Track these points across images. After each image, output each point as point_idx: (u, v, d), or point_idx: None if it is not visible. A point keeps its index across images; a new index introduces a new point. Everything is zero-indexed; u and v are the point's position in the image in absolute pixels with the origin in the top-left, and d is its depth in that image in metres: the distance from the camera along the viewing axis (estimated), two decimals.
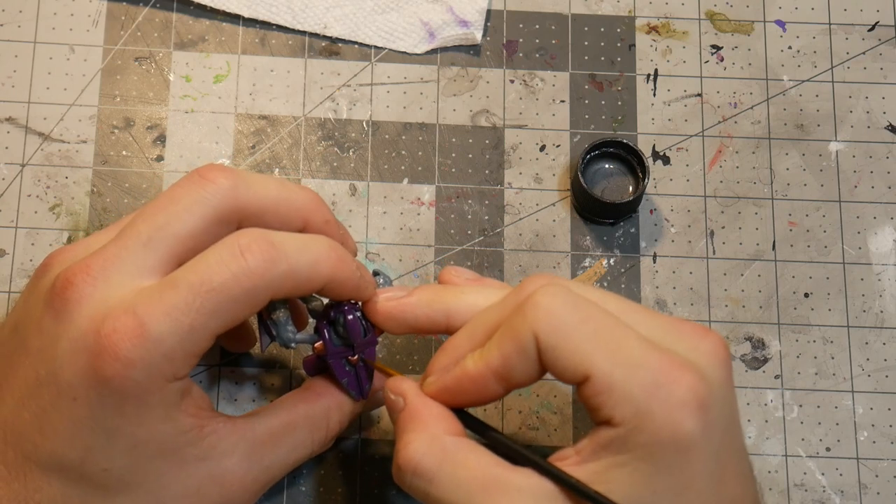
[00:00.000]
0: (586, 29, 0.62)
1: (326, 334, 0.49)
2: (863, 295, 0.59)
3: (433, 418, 0.45)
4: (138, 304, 0.43)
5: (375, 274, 0.51)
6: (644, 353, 0.42)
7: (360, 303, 0.49)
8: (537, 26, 0.62)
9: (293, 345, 0.49)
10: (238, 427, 0.47)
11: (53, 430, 0.44)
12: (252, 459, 0.47)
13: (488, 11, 0.62)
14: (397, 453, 0.44)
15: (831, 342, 0.58)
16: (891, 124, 0.62)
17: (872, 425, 0.57)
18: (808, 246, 0.60)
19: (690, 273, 0.59)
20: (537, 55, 0.62)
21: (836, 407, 0.57)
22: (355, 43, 0.62)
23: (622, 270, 0.59)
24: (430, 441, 0.44)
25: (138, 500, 0.45)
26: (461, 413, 0.46)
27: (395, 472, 0.45)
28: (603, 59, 0.62)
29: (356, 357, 0.50)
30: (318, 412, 0.50)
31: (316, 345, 0.50)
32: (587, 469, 0.43)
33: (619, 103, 0.61)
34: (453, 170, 0.60)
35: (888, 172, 0.61)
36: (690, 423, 0.41)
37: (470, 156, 0.60)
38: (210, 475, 0.46)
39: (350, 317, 0.48)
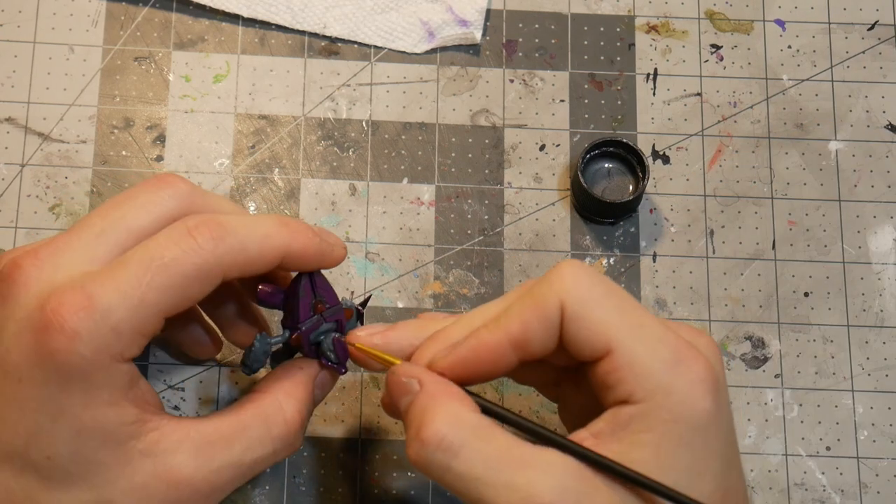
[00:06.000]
0: (586, 28, 0.62)
1: (319, 354, 0.50)
2: (863, 294, 0.59)
3: (455, 397, 0.45)
4: (86, 282, 0.43)
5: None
6: (664, 332, 0.43)
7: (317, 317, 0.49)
8: (537, 26, 0.62)
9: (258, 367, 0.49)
10: (183, 425, 0.46)
11: None
12: (201, 459, 0.45)
13: (488, 11, 0.62)
14: (420, 429, 0.43)
15: (831, 341, 0.58)
16: (890, 123, 0.62)
17: (872, 424, 0.57)
18: (808, 245, 0.60)
19: (690, 272, 0.59)
20: (537, 55, 0.62)
21: (836, 406, 0.57)
22: (355, 42, 0.62)
23: (622, 270, 0.59)
24: (455, 416, 0.43)
25: (82, 494, 0.44)
26: (479, 399, 0.46)
27: (417, 448, 0.43)
28: (602, 58, 0.62)
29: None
30: (268, 406, 0.48)
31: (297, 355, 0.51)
32: (608, 450, 0.42)
33: (619, 103, 0.61)
34: (453, 169, 0.60)
35: (888, 171, 0.61)
36: (708, 400, 0.42)
37: (470, 155, 0.60)
38: (155, 472, 0.44)
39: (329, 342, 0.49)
